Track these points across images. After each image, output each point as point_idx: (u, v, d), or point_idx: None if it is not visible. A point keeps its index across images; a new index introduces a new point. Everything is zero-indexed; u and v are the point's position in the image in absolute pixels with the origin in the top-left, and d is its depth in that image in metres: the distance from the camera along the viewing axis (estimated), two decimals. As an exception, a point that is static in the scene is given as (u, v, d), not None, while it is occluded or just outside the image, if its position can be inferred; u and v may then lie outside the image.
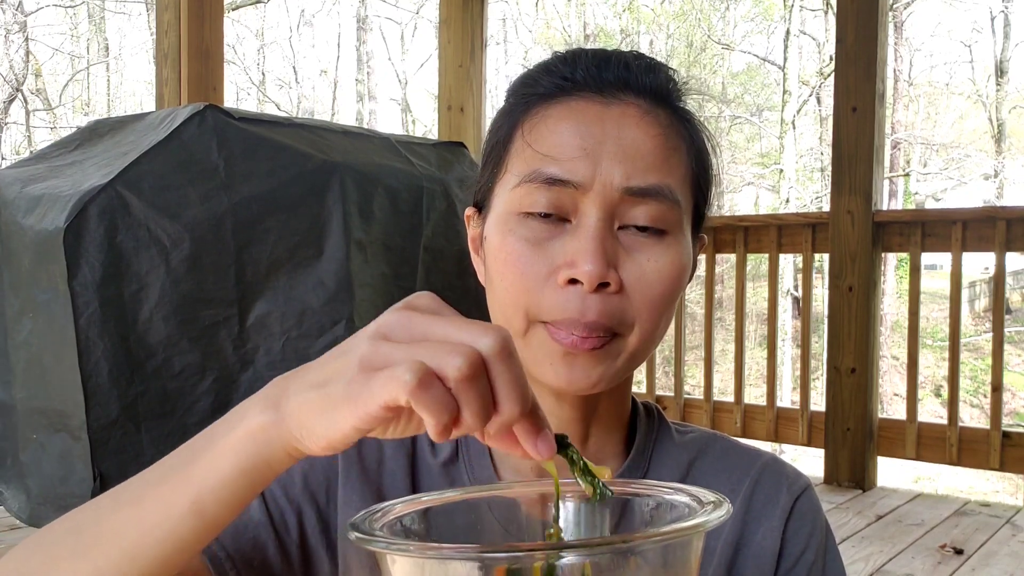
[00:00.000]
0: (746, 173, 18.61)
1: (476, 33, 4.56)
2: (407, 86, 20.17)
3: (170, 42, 3.38)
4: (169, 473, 0.53)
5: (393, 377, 0.44)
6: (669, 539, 0.47)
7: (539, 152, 0.68)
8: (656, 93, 0.70)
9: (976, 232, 3.40)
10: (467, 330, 0.46)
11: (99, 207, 2.07)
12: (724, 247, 3.98)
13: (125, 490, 0.55)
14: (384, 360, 0.46)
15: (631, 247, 0.68)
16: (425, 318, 0.48)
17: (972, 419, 13.00)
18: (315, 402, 0.48)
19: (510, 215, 0.69)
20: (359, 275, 2.42)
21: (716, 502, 0.50)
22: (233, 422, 0.52)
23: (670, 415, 4.16)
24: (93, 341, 2.04)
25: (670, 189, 0.68)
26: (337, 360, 0.49)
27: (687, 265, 0.70)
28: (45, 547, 0.56)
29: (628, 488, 0.58)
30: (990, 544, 2.86)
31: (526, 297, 0.67)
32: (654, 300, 0.68)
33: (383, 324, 0.49)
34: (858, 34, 3.48)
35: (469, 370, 0.44)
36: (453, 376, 0.44)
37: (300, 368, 0.52)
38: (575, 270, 0.65)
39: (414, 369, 0.44)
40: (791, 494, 0.76)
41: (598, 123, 0.68)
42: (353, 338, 0.50)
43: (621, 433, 0.77)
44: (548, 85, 0.70)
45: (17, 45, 13.47)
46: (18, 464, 2.26)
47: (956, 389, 3.49)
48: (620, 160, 0.67)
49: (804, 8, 16.76)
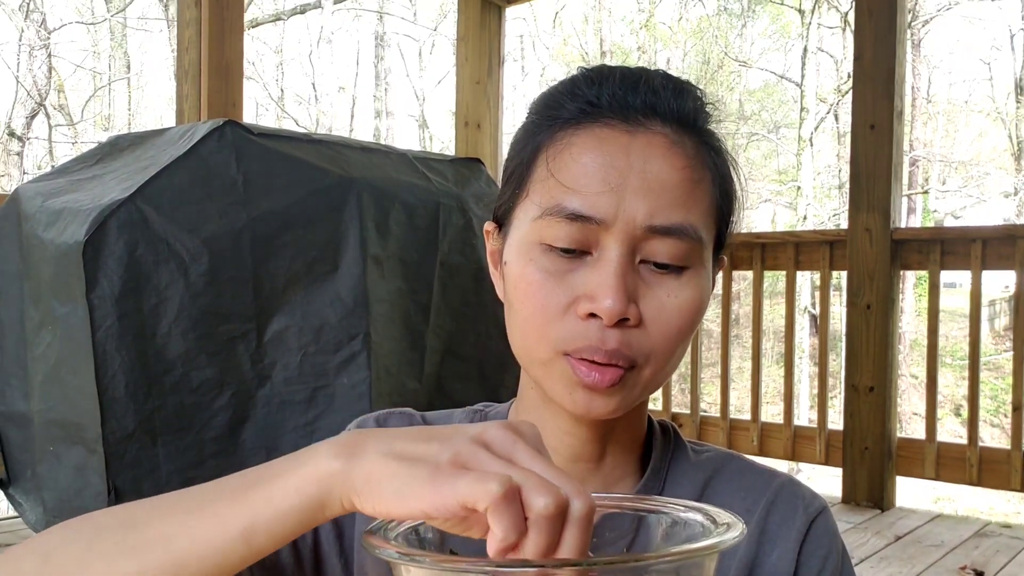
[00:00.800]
0: (763, 190, 18.56)
1: (493, 50, 4.58)
2: (424, 102, 20.28)
3: (191, 59, 3.41)
4: (230, 493, 0.53)
5: (482, 482, 0.46)
6: (683, 559, 0.47)
7: (562, 184, 0.67)
8: (683, 119, 0.69)
9: (996, 250, 3.37)
10: (564, 479, 0.48)
11: (119, 221, 2.08)
12: (741, 264, 3.96)
13: (183, 498, 0.55)
14: (478, 464, 0.48)
15: (651, 282, 0.67)
16: (528, 449, 0.50)
17: (992, 439, 12.86)
18: (393, 471, 0.49)
19: (532, 245, 0.68)
20: (375, 290, 2.42)
21: (731, 523, 0.51)
22: (303, 459, 0.52)
23: (686, 432, 4.14)
24: (111, 354, 2.05)
25: (693, 228, 0.67)
26: (428, 443, 0.50)
27: (706, 298, 0.70)
28: (87, 537, 0.56)
29: (643, 504, 0.58)
30: (1011, 566, 2.82)
31: (547, 328, 0.67)
32: (671, 334, 0.68)
33: (487, 433, 0.50)
34: (876, 51, 3.47)
35: (555, 511, 0.46)
36: (537, 509, 0.46)
37: (384, 430, 0.54)
38: (595, 305, 0.65)
39: (503, 482, 0.46)
40: (807, 516, 0.75)
41: (623, 154, 0.66)
42: (452, 429, 0.51)
43: (637, 452, 0.77)
44: (572, 110, 0.69)
45: (40, 61, 13.64)
46: (36, 476, 2.28)
47: (976, 408, 3.46)
48: (644, 196, 0.66)
49: (822, 25, 16.75)
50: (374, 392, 2.31)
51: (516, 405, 0.78)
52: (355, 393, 2.30)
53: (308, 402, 2.28)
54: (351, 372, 2.31)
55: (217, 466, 2.18)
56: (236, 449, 2.20)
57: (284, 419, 2.26)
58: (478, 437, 0.50)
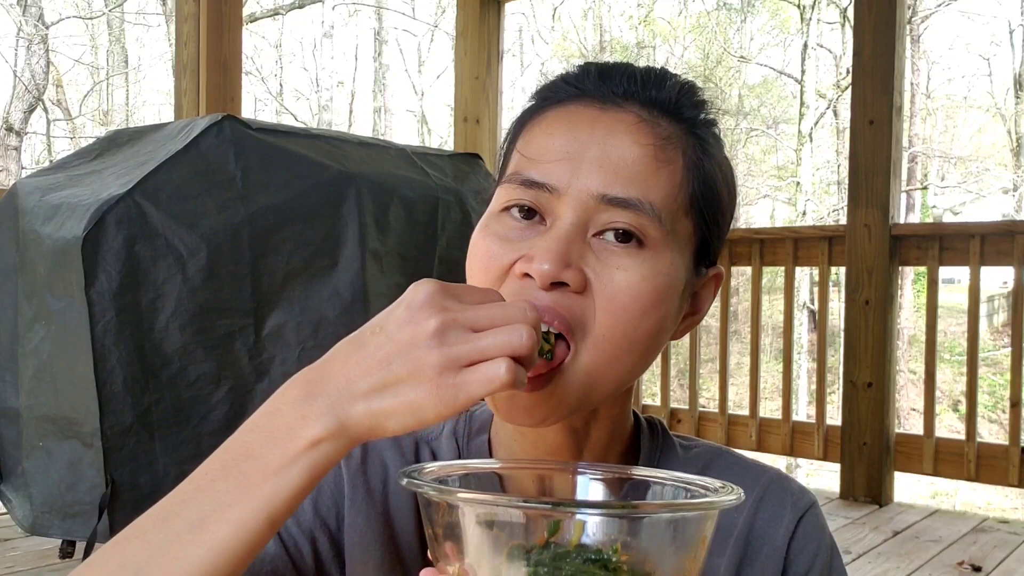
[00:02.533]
0: (762, 186, 18.56)
1: (492, 45, 4.57)
2: (423, 98, 20.25)
3: (189, 53, 3.40)
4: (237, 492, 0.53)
5: (490, 372, 0.51)
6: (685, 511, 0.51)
7: (524, 155, 0.68)
8: (662, 104, 0.68)
9: (995, 246, 3.37)
10: (503, 308, 0.54)
11: (117, 216, 2.08)
12: (740, 260, 3.96)
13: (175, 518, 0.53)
14: (468, 355, 0.51)
15: (603, 253, 0.64)
16: (462, 305, 0.53)
17: (990, 435, 12.87)
18: (390, 407, 0.51)
19: (491, 214, 0.69)
20: (374, 285, 2.42)
21: (729, 488, 0.54)
22: (281, 439, 0.53)
23: (685, 428, 4.14)
24: (109, 349, 2.05)
25: (651, 205, 0.64)
26: (398, 359, 0.51)
27: (663, 288, 0.65)
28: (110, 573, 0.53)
29: (642, 473, 0.61)
30: (1009, 561, 2.83)
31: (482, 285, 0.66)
32: (616, 309, 0.63)
33: (439, 319, 0.52)
34: (875, 47, 3.47)
35: (533, 340, 0.52)
36: (528, 350, 0.52)
37: (332, 363, 0.54)
38: (529, 265, 0.63)
39: (508, 366, 0.51)
40: (796, 511, 0.75)
41: (587, 129, 0.66)
42: (397, 329, 0.52)
43: (619, 449, 0.75)
44: (556, 93, 0.70)
45: (38, 56, 13.61)
46: (24, 472, 2.27)
47: (974, 404, 3.46)
48: (600, 167, 0.64)
49: (821, 21, 16.73)
50: (372, 387, 2.31)
51: None
52: (353, 388, 2.30)
53: (306, 397, 2.28)
54: (349, 367, 2.31)
55: (215, 461, 2.18)
56: (234, 444, 2.20)
57: (282, 414, 2.26)
58: (438, 329, 0.51)
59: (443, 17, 18.87)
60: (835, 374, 8.82)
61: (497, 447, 0.75)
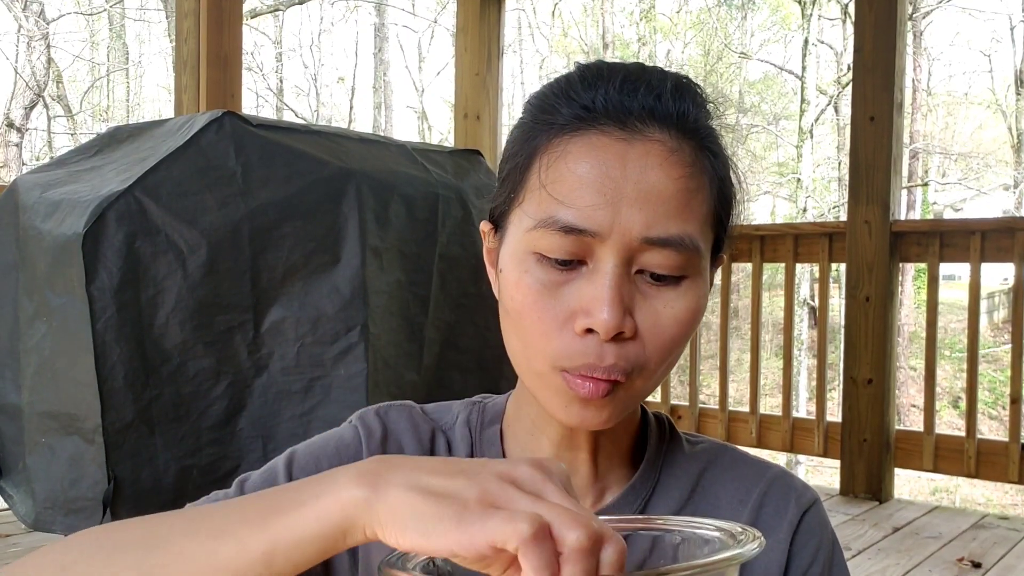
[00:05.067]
0: (763, 182, 18.55)
1: (493, 41, 4.57)
2: (423, 94, 20.24)
3: (189, 49, 3.40)
4: (253, 516, 0.53)
5: (511, 521, 0.45)
6: (705, 571, 0.47)
7: (555, 197, 0.66)
8: (682, 123, 0.67)
9: (995, 243, 3.37)
10: (594, 520, 0.47)
11: (117, 213, 2.08)
12: (740, 256, 3.96)
13: (205, 519, 0.55)
14: (507, 502, 0.47)
15: (647, 293, 0.66)
16: (557, 489, 0.49)
17: (991, 431, 12.88)
18: (419, 506, 0.48)
19: (526, 255, 0.67)
20: (374, 282, 2.42)
21: (750, 534, 0.51)
22: (325, 485, 0.52)
23: (685, 424, 4.15)
24: (109, 345, 2.05)
25: (690, 238, 0.66)
26: (456, 478, 0.49)
27: (703, 305, 0.69)
28: (107, 551, 0.55)
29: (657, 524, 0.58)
30: (1009, 558, 2.83)
31: (544, 342, 0.67)
32: (666, 345, 0.67)
33: (516, 471, 0.50)
34: (876, 43, 3.47)
35: (588, 544, 0.45)
36: (570, 543, 0.45)
37: (409, 458, 0.53)
38: (591, 319, 0.64)
39: (533, 521, 0.45)
40: (799, 507, 0.76)
41: (619, 164, 0.65)
42: (480, 464, 0.51)
43: (630, 443, 0.78)
44: (568, 115, 0.67)
45: (39, 52, 13.59)
46: (26, 468, 2.27)
47: (974, 401, 3.46)
48: (640, 207, 0.64)
49: (822, 17, 16.72)
50: (371, 383, 2.32)
51: (515, 397, 0.79)
52: (351, 384, 2.30)
53: (305, 392, 2.28)
54: (348, 363, 2.31)
55: (213, 454, 2.19)
56: (232, 438, 2.21)
57: (280, 409, 2.26)
58: (506, 474, 0.49)
59: (443, 13, 18.86)
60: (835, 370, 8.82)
61: (510, 439, 0.77)
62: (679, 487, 0.76)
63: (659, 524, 0.58)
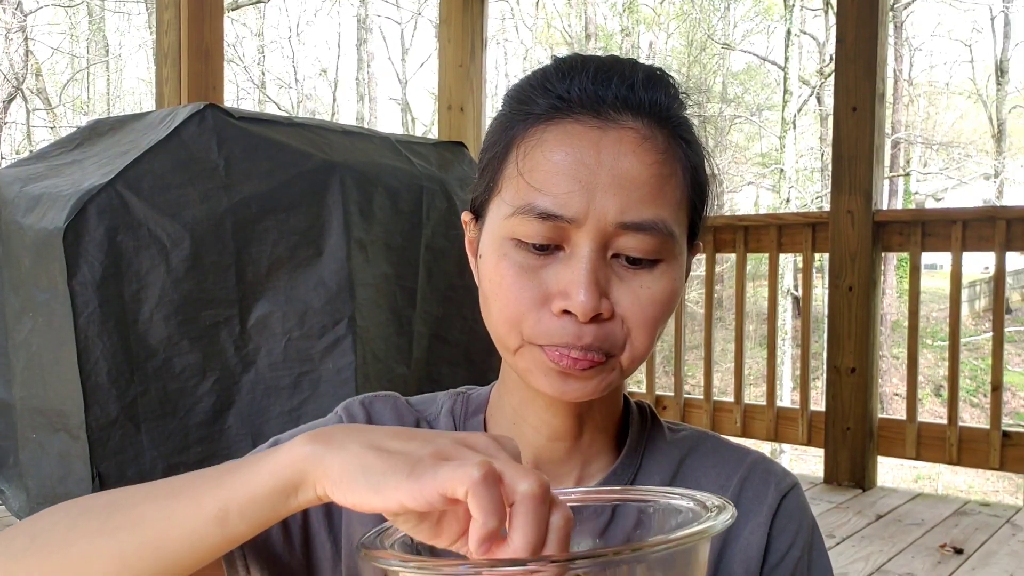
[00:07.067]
0: (746, 173, 18.61)
1: (476, 32, 4.56)
2: (407, 86, 20.17)
3: (170, 41, 3.37)
4: (208, 477, 0.55)
5: (461, 467, 0.46)
6: (676, 547, 0.47)
7: (532, 185, 0.67)
8: (656, 112, 0.69)
9: (976, 232, 3.40)
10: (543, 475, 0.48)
11: (99, 206, 2.06)
12: (724, 247, 3.97)
13: (166, 483, 0.57)
14: (458, 456, 0.49)
15: (624, 276, 0.68)
16: (510, 455, 0.51)
17: (972, 419, 12.99)
18: (371, 462, 0.49)
19: (504, 240, 0.69)
20: (360, 275, 2.42)
21: (721, 506, 0.51)
22: (281, 448, 0.54)
23: (670, 415, 4.16)
24: (92, 341, 2.04)
25: (664, 223, 0.67)
26: (411, 440, 0.51)
27: (679, 287, 0.71)
28: (72, 517, 0.58)
29: (631, 496, 0.59)
30: (990, 544, 2.86)
31: (519, 320, 0.68)
32: (646, 323, 0.69)
33: (469, 438, 0.52)
34: (858, 33, 3.48)
35: (539, 491, 0.46)
36: (522, 490, 0.46)
37: (365, 426, 0.55)
38: (569, 301, 0.66)
39: (483, 465, 0.46)
40: (779, 491, 0.77)
41: (593, 151, 0.66)
42: (435, 432, 0.53)
43: (613, 431, 0.79)
44: (544, 105, 0.69)
45: (17, 44, 13.46)
46: (19, 463, 2.26)
47: (956, 389, 3.49)
48: (614, 193, 0.66)
49: (804, 7, 16.76)
50: (360, 377, 2.31)
51: (498, 387, 0.80)
52: (340, 378, 2.30)
53: (293, 387, 2.27)
54: (336, 357, 2.31)
55: (202, 452, 2.18)
56: (221, 435, 2.20)
57: (269, 404, 2.25)
58: (461, 439, 0.51)
59: (426, 4, 18.79)
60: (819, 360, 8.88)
61: (493, 428, 0.78)
62: (660, 473, 0.78)
63: (637, 495, 0.59)
